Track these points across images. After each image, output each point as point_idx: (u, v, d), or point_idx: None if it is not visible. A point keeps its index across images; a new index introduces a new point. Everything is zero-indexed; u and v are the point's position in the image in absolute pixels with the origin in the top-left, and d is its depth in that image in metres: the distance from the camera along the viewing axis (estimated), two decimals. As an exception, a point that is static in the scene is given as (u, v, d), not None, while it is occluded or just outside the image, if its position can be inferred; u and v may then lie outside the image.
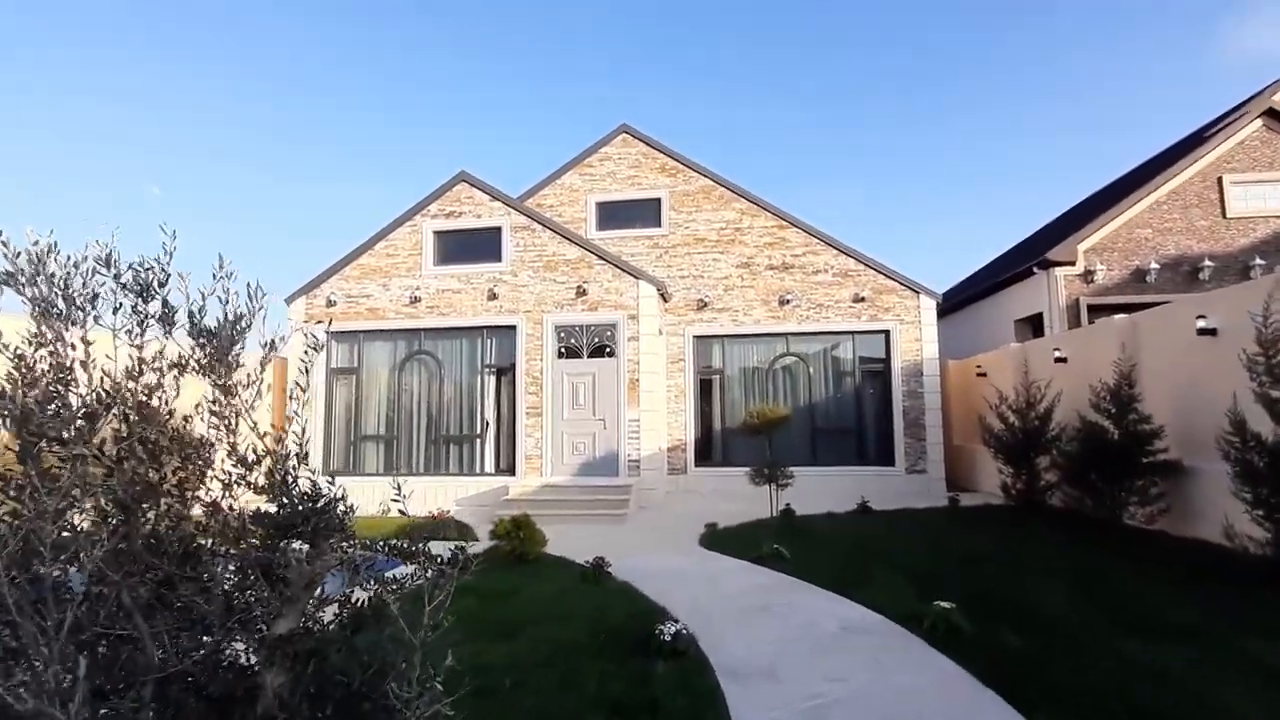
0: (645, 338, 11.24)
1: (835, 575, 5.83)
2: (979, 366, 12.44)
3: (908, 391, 12.49)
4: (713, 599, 5.35)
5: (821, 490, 12.22)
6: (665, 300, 13.05)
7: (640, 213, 13.80)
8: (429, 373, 12.05)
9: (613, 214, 13.90)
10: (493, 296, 11.72)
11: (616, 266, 11.53)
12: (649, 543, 7.86)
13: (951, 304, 16.24)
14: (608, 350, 11.42)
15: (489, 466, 11.69)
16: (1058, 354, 9.86)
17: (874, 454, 12.66)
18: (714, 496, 11.99)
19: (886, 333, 12.73)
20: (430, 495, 11.47)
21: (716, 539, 7.67)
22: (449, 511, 9.38)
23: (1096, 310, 11.83)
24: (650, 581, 5.86)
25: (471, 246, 12.09)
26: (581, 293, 11.50)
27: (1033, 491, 9.43)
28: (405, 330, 12.05)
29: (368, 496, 11.66)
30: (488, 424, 11.79)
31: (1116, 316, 8.37)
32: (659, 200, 13.68)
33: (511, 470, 11.43)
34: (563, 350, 11.59)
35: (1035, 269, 12.43)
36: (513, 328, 11.67)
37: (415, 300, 11.92)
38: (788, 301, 12.93)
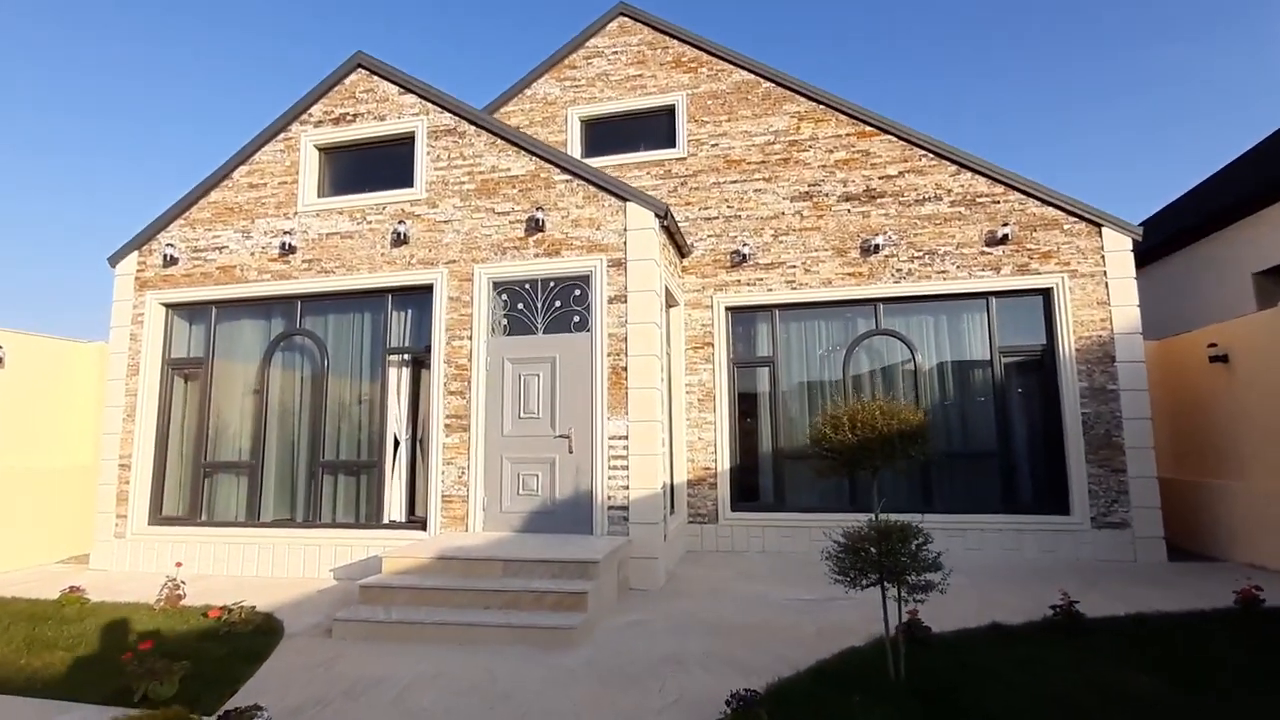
0: (636, 296, 6.61)
1: None
2: (1213, 345, 7.28)
3: (1089, 389, 7.40)
4: None
5: (945, 556, 7.20)
6: (681, 251, 8.41)
7: (645, 129, 9.27)
8: (311, 364, 7.73)
9: (605, 133, 9.42)
10: (401, 240, 7.35)
11: (590, 183, 6.98)
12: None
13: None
14: (576, 320, 6.84)
15: (396, 512, 7.25)
16: None
17: (1031, 494, 7.59)
18: (763, 567, 7.13)
19: (1046, 293, 7.71)
20: (298, 561, 7.08)
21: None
22: (254, 607, 4.92)
23: None
24: None
25: (372, 166, 7.78)
26: (535, 227, 6.98)
27: None
28: (276, 298, 7.79)
29: (197, 562, 6.14)
30: (398, 443, 7.37)
31: None
32: (672, 108, 9.11)
33: (424, 522, 6.94)
34: (505, 322, 7.08)
35: (1323, 173, 7.18)
36: (429, 287, 7.25)
37: (288, 250, 7.66)
38: (876, 249, 8.08)
